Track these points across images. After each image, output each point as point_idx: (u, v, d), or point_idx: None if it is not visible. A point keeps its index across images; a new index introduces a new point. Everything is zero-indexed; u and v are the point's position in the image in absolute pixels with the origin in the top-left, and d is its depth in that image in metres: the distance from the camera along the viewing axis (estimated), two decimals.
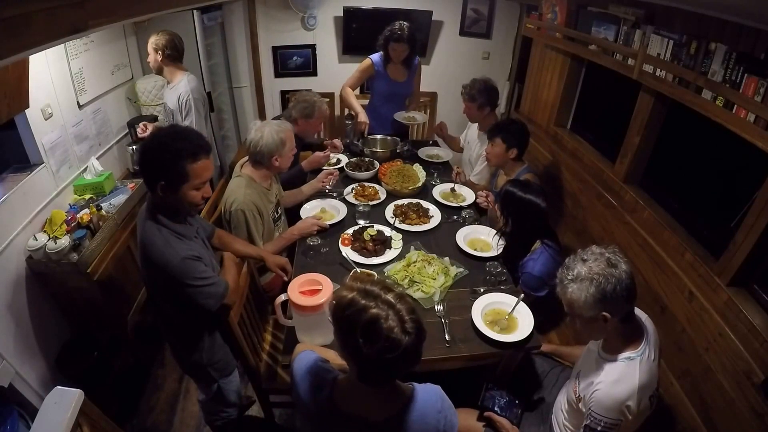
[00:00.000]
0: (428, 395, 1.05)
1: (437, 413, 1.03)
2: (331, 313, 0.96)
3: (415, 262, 1.82)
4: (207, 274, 1.35)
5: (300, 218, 2.10)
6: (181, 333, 1.50)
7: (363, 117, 2.73)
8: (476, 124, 2.67)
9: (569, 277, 1.15)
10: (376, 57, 2.76)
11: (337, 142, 2.72)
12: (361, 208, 2.11)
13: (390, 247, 1.93)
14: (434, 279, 1.74)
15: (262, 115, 3.73)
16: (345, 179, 2.50)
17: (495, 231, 1.99)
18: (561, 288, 1.18)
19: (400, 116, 2.85)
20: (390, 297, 0.93)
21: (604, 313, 1.12)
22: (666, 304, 1.69)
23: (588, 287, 1.11)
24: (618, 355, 1.19)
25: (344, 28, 3.45)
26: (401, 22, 2.60)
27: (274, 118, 2.16)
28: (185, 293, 1.31)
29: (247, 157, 1.96)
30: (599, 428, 1.14)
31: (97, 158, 2.37)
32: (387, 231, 2.00)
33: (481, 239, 2.04)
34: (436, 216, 2.18)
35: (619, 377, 1.15)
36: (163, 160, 1.22)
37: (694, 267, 1.61)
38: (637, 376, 1.13)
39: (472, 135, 2.75)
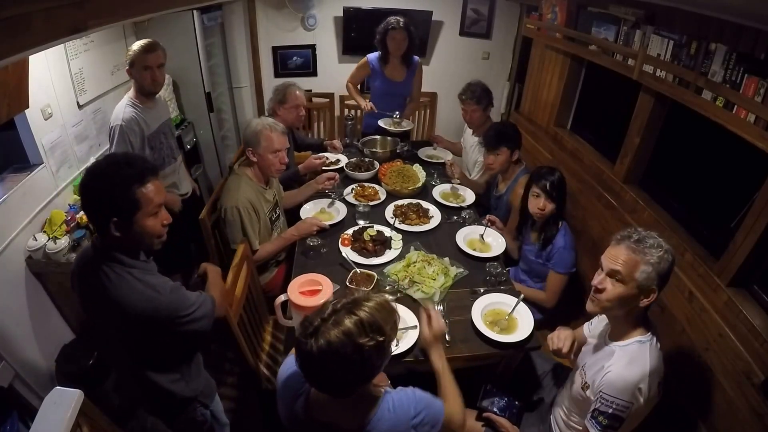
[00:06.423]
0: (400, 402, 1.03)
1: (409, 420, 1.01)
2: None
3: (415, 262, 1.82)
4: (193, 298, 1.26)
5: (300, 218, 2.10)
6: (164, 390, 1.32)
7: (364, 103, 2.80)
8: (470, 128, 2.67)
9: (650, 243, 1.15)
10: (372, 55, 2.77)
11: (337, 142, 2.72)
12: (361, 208, 2.11)
13: (390, 248, 1.93)
14: (434, 279, 1.74)
15: (261, 116, 3.73)
16: (345, 179, 2.50)
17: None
18: (633, 241, 1.16)
19: (386, 123, 2.79)
20: (355, 310, 0.91)
21: (654, 287, 1.14)
22: (666, 305, 1.69)
23: (664, 256, 1.14)
24: (627, 339, 1.21)
25: (344, 28, 3.45)
26: (396, 16, 2.61)
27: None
28: (177, 330, 1.21)
29: (244, 157, 1.98)
30: (610, 411, 1.13)
31: (97, 158, 2.37)
32: (387, 231, 2.00)
33: (482, 239, 2.03)
34: (436, 216, 2.18)
35: (631, 359, 1.16)
36: (110, 192, 1.08)
37: (694, 267, 1.61)
38: (648, 359, 1.15)
39: (468, 140, 2.74)
